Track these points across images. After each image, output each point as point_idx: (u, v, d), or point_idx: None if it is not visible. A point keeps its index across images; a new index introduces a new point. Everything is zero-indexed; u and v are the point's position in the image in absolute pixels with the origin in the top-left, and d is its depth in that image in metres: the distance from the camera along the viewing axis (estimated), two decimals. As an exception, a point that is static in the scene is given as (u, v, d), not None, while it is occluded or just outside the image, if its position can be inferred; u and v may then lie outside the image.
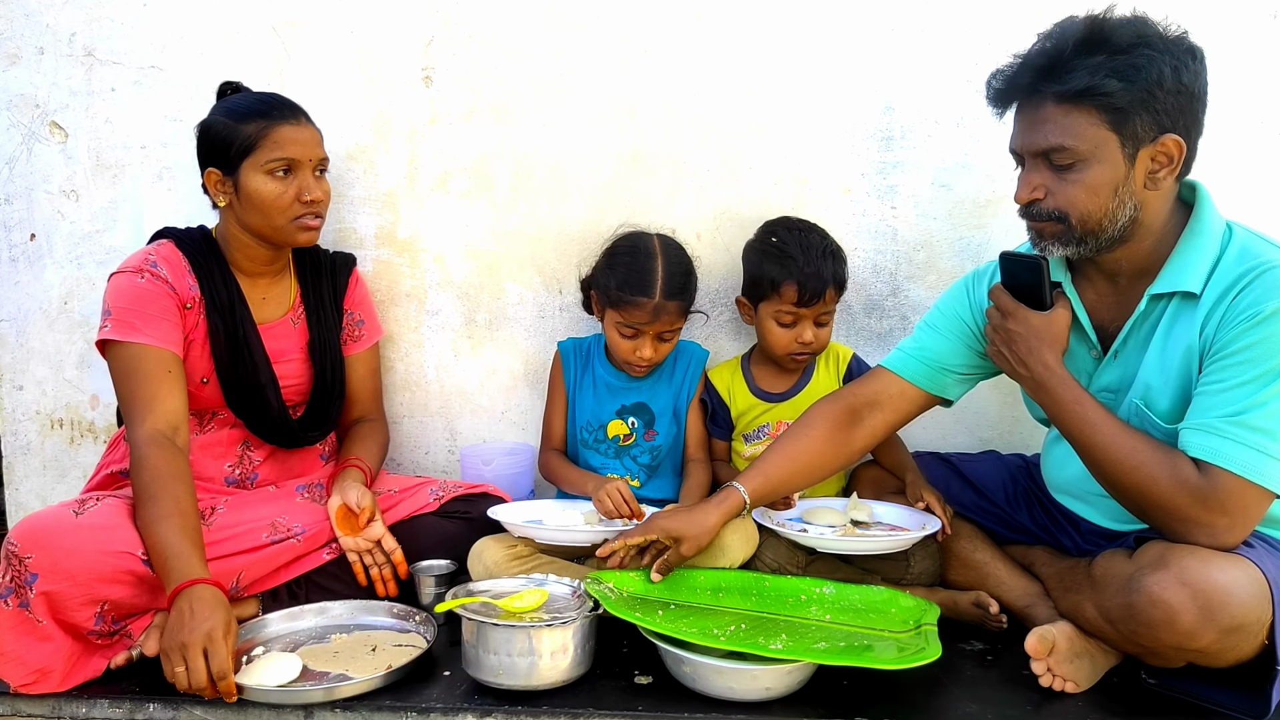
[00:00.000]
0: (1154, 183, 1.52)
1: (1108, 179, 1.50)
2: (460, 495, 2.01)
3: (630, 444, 2.13)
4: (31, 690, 1.59)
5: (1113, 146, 1.48)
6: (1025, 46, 1.58)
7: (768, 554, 1.88)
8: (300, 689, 1.54)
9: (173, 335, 1.81)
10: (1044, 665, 1.56)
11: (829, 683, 1.58)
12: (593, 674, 1.61)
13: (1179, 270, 1.55)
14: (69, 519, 1.64)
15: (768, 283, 2.00)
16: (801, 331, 2.01)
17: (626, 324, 2.01)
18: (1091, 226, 1.53)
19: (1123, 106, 1.46)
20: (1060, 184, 1.53)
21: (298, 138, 1.87)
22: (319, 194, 1.90)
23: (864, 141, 2.20)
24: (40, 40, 2.27)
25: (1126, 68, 1.44)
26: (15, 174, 2.31)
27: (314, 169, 1.90)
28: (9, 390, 2.38)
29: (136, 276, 1.82)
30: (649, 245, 2.03)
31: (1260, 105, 2.10)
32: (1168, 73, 1.45)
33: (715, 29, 2.19)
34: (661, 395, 2.14)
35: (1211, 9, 2.08)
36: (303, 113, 1.92)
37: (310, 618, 1.78)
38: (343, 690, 1.53)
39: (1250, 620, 1.40)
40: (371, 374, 2.15)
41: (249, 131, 1.84)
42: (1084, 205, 1.52)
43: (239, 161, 1.85)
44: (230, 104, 1.90)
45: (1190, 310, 1.54)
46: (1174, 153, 1.49)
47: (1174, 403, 1.56)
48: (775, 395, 2.12)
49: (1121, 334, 1.63)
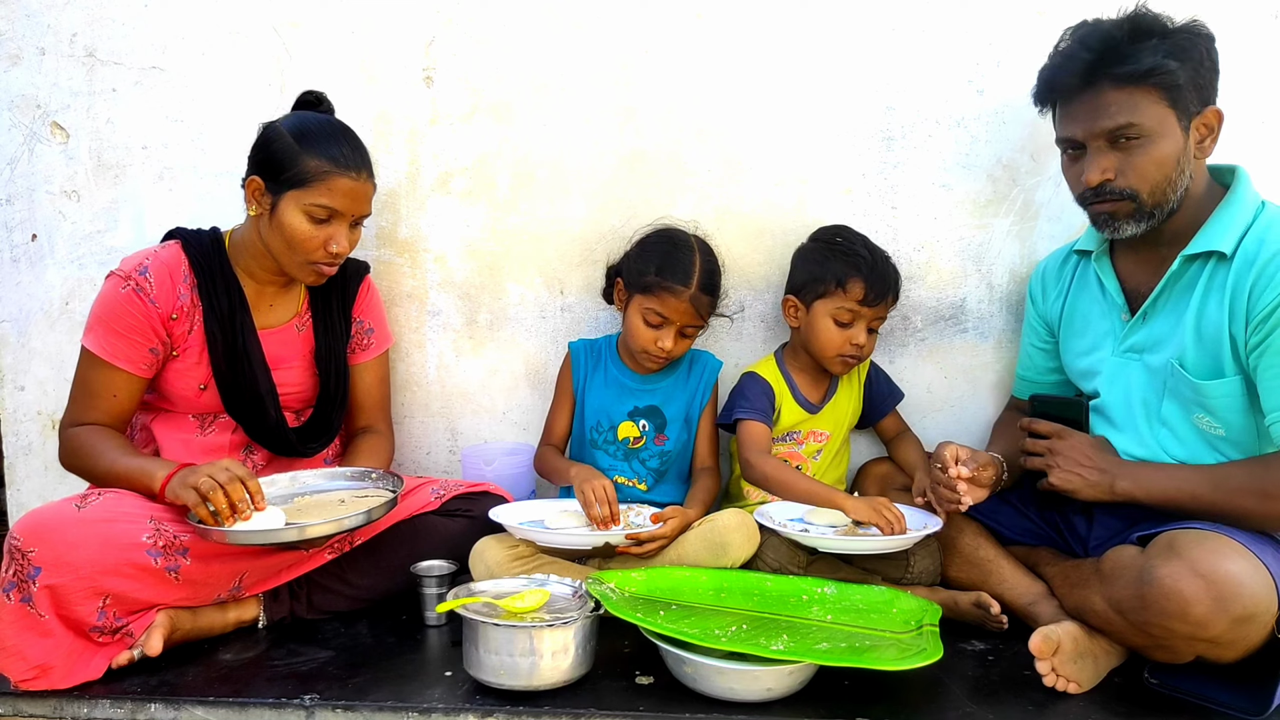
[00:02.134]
0: (1201, 151, 1.66)
1: (1171, 151, 1.62)
2: (462, 494, 2.00)
3: (639, 447, 2.12)
4: (32, 686, 1.59)
5: (1171, 121, 1.62)
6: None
7: (769, 554, 1.88)
8: (287, 526, 1.68)
9: (134, 354, 1.83)
10: (1048, 665, 1.56)
11: (830, 683, 1.58)
12: (594, 674, 1.61)
13: (1213, 233, 1.64)
14: (71, 513, 1.65)
15: (833, 279, 1.99)
16: (856, 333, 2.00)
17: (656, 311, 1.99)
18: (1159, 199, 1.64)
19: (1179, 84, 1.60)
20: (1129, 162, 1.64)
21: (349, 191, 1.83)
22: (345, 247, 1.87)
23: (865, 142, 2.20)
24: (41, 41, 2.27)
25: (1177, 49, 1.60)
26: (16, 174, 2.32)
27: (352, 221, 1.88)
28: (10, 391, 2.38)
29: (122, 284, 1.83)
30: (687, 239, 2.04)
31: (1260, 105, 2.10)
32: (1204, 51, 1.62)
33: (715, 29, 2.19)
34: (675, 400, 2.13)
35: (1212, 9, 2.07)
36: (366, 165, 1.87)
37: (283, 484, 1.90)
38: (322, 529, 1.67)
39: (1261, 610, 1.43)
40: (379, 382, 2.14)
41: (309, 167, 1.80)
42: (1154, 178, 1.63)
43: (286, 188, 1.81)
44: (304, 125, 1.84)
45: (1223, 273, 1.62)
46: (1213, 122, 1.65)
47: (1207, 362, 1.64)
48: (813, 405, 2.11)
49: (1152, 295, 1.71)
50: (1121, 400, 1.77)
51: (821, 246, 2.05)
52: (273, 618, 1.85)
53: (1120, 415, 1.75)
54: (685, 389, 2.14)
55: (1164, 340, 1.70)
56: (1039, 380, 2.04)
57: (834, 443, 2.13)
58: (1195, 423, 1.68)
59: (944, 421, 2.24)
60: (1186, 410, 1.69)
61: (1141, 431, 1.72)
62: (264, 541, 1.69)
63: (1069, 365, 1.94)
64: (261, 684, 1.62)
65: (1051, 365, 2.02)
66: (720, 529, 1.87)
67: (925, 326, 2.24)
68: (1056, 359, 2.00)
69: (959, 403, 2.25)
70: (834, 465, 2.14)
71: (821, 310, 2.01)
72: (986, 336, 2.23)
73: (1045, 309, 1.99)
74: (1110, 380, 1.79)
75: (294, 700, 1.56)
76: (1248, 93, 2.09)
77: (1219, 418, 1.65)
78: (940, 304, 2.23)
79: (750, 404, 2.06)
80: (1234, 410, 1.63)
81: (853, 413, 2.15)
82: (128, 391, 1.85)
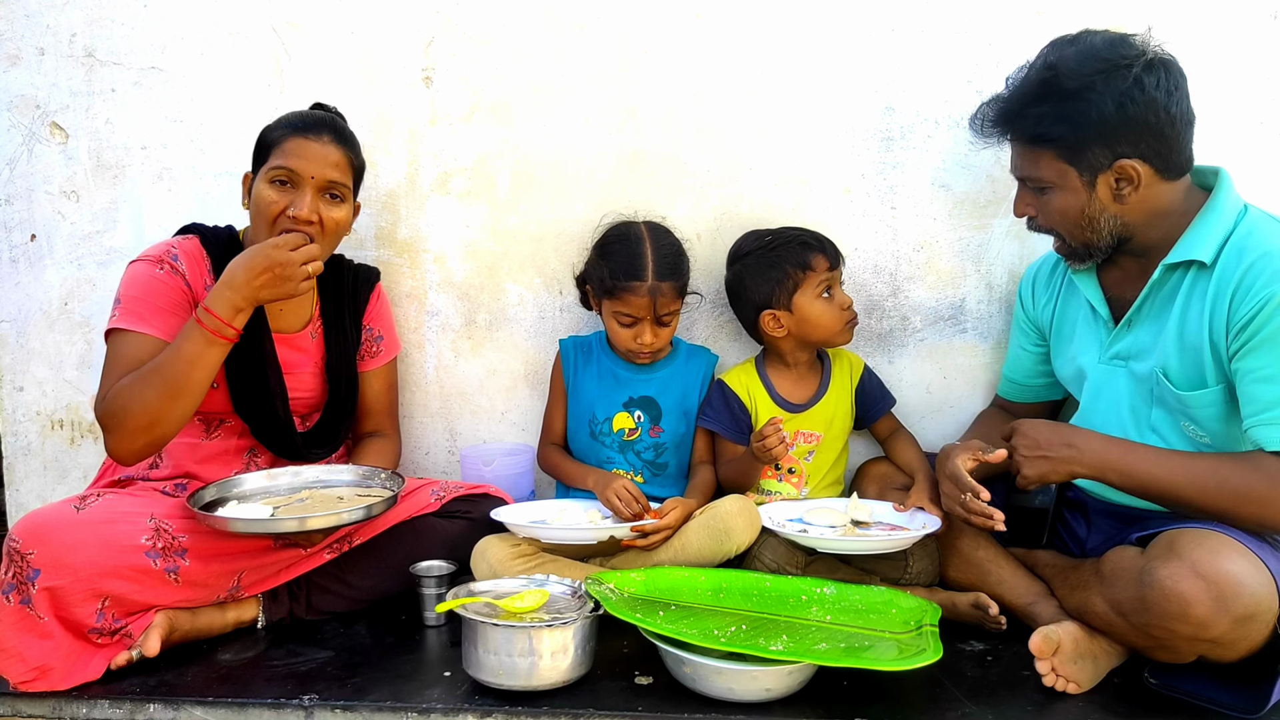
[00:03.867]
0: (1122, 199, 1.65)
1: (1072, 203, 1.67)
2: (462, 495, 2.00)
3: (635, 439, 2.12)
4: (31, 688, 1.59)
5: (1072, 176, 1.66)
6: (1030, 49, 1.66)
7: (766, 555, 1.88)
8: (287, 517, 1.69)
9: (174, 331, 1.80)
10: (1048, 665, 1.56)
11: (829, 683, 1.58)
12: (593, 674, 1.61)
13: (1192, 242, 1.64)
14: (70, 514, 1.65)
15: (797, 268, 2.00)
16: (841, 297, 2.03)
17: (624, 312, 2.01)
18: (1081, 240, 1.71)
19: (1071, 145, 1.63)
20: (1042, 205, 1.72)
21: (305, 151, 1.80)
22: (308, 213, 1.78)
23: (864, 142, 2.20)
24: (41, 41, 2.27)
25: (1075, 113, 1.60)
26: (15, 175, 2.32)
27: (319, 189, 1.82)
28: (9, 391, 2.38)
29: (155, 267, 1.83)
30: (636, 231, 2.05)
31: (1260, 105, 2.10)
32: (1110, 109, 1.58)
33: (715, 29, 2.19)
34: (671, 391, 2.13)
35: (1212, 9, 2.08)
36: (330, 131, 1.85)
37: (285, 479, 1.91)
38: (321, 522, 1.68)
39: (1262, 610, 1.43)
40: (387, 389, 2.15)
41: (274, 138, 1.84)
42: (1061, 225, 1.72)
43: (258, 166, 1.85)
44: (288, 114, 1.90)
45: (1204, 281, 1.62)
46: (1132, 174, 1.62)
47: (1189, 371, 1.64)
48: (796, 406, 2.11)
49: (1135, 304, 1.72)
50: (1111, 407, 1.76)
51: (760, 253, 2.05)
52: (271, 618, 1.85)
53: (1111, 423, 1.74)
54: (682, 380, 2.14)
55: (1148, 349, 1.70)
56: (1026, 383, 2.05)
57: (829, 444, 2.12)
58: (1184, 430, 1.68)
59: (943, 422, 2.24)
60: (1175, 419, 1.68)
61: (1132, 439, 1.70)
62: (263, 530, 1.69)
63: (1059, 371, 1.94)
64: (260, 684, 1.62)
65: (1041, 369, 2.02)
66: (722, 515, 1.87)
67: (924, 327, 2.24)
68: (1046, 363, 2.00)
69: (958, 403, 2.25)
70: (833, 467, 2.14)
71: (805, 301, 2.01)
72: (986, 337, 2.23)
73: (1036, 314, 1.99)
74: (1098, 388, 1.79)
75: (293, 700, 1.56)
76: (1247, 93, 2.09)
77: (1204, 427, 1.65)
78: (939, 304, 2.23)
79: (711, 414, 2.11)
80: (1217, 419, 1.63)
81: (846, 414, 2.14)
82: None
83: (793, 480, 2.10)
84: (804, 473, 2.10)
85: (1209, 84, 1.98)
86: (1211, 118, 1.98)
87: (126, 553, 1.64)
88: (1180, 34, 1.78)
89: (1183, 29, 1.86)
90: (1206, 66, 1.97)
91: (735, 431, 2.09)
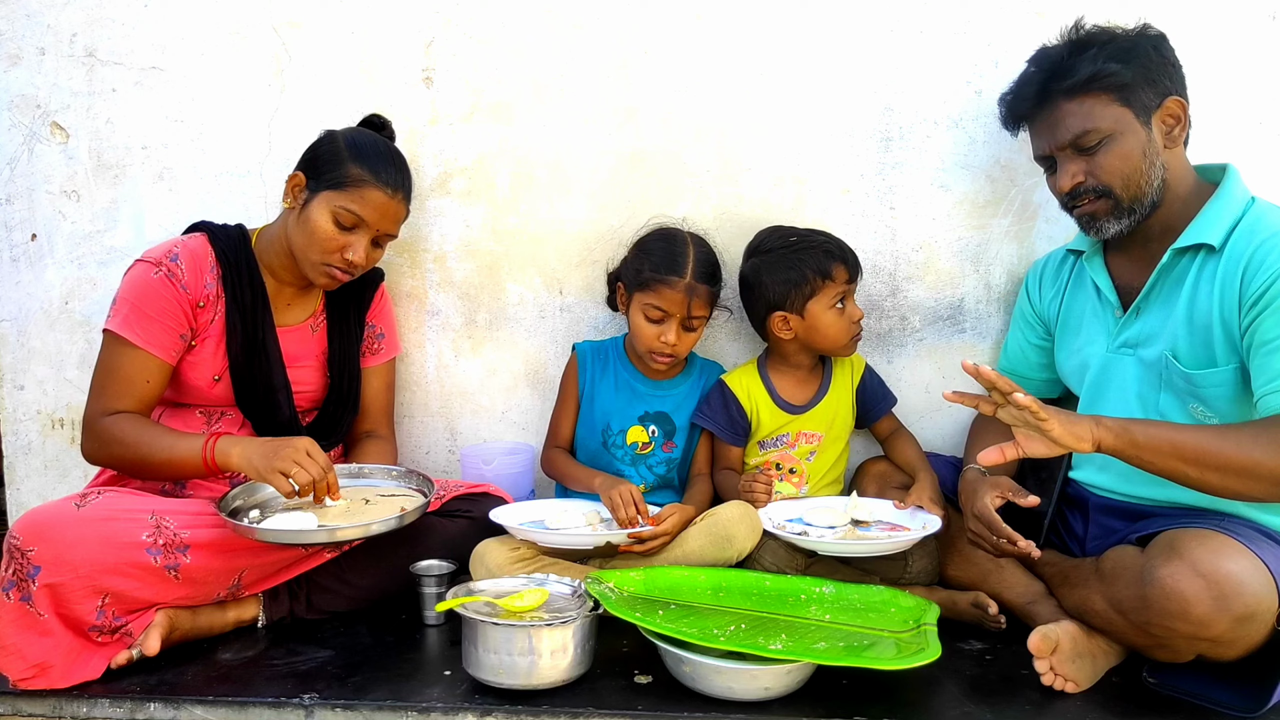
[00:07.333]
0: (1172, 140, 1.71)
1: (1135, 146, 1.68)
2: (462, 494, 2.01)
3: (648, 453, 2.12)
4: (31, 686, 1.60)
5: (1129, 118, 1.68)
6: (1029, 49, 1.70)
7: (767, 557, 1.88)
8: (318, 528, 1.69)
9: (166, 340, 1.83)
10: (1046, 664, 1.56)
11: (828, 682, 1.58)
12: (593, 673, 1.61)
13: (1202, 226, 1.67)
14: (71, 512, 1.65)
15: (816, 275, 1.99)
16: (853, 310, 2.04)
17: (656, 305, 1.99)
18: (1134, 192, 1.69)
19: (1127, 82, 1.67)
20: (1095, 163, 1.70)
21: (380, 205, 1.88)
22: (360, 258, 1.89)
23: (863, 142, 2.20)
24: (41, 41, 2.28)
25: (1120, 52, 1.68)
26: (16, 174, 2.32)
27: (374, 236, 1.91)
28: (10, 390, 2.38)
29: (153, 270, 1.84)
30: (679, 233, 2.06)
31: (1260, 105, 2.11)
32: (1150, 48, 1.70)
33: (715, 29, 2.19)
34: (686, 409, 2.13)
35: (1211, 9, 2.08)
36: (404, 188, 1.93)
37: None
38: (351, 533, 1.70)
39: (1262, 609, 1.44)
40: (385, 388, 2.16)
41: (350, 173, 1.86)
42: (1123, 171, 1.68)
43: (323, 188, 1.87)
44: (359, 138, 1.92)
45: (1213, 264, 1.65)
46: (1178, 112, 1.70)
47: (1198, 351, 1.65)
48: (797, 407, 2.11)
49: (1144, 290, 1.74)
50: (1118, 395, 1.77)
51: (782, 252, 2.03)
52: (272, 617, 1.85)
53: (1118, 411, 1.75)
54: (697, 399, 2.14)
55: (1156, 334, 1.71)
56: (1028, 376, 2.05)
57: (830, 444, 2.12)
58: (1192, 413, 1.68)
59: (942, 421, 2.24)
60: (1183, 402, 1.69)
61: None
62: (294, 541, 1.71)
63: (1061, 364, 1.95)
64: (261, 683, 1.62)
65: (1043, 362, 2.03)
66: (724, 521, 1.88)
67: (923, 327, 2.24)
68: (1048, 356, 2.01)
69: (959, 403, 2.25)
70: (833, 466, 2.14)
71: (818, 309, 2.01)
72: (985, 337, 2.23)
73: (1042, 307, 2.00)
74: (1105, 378, 1.80)
75: (293, 699, 1.57)
76: (1246, 93, 2.09)
77: (1212, 407, 1.65)
78: (938, 304, 2.23)
79: (708, 413, 2.11)
80: (1226, 399, 1.64)
81: (847, 414, 2.14)
82: (159, 378, 1.85)
83: (793, 480, 2.11)
84: (804, 472, 2.11)
85: (1209, 84, 1.99)
86: (1211, 117, 1.99)
87: (127, 549, 1.64)
88: (1180, 34, 1.78)
89: (1183, 29, 1.85)
90: (1206, 66, 1.98)
91: (730, 433, 2.10)
